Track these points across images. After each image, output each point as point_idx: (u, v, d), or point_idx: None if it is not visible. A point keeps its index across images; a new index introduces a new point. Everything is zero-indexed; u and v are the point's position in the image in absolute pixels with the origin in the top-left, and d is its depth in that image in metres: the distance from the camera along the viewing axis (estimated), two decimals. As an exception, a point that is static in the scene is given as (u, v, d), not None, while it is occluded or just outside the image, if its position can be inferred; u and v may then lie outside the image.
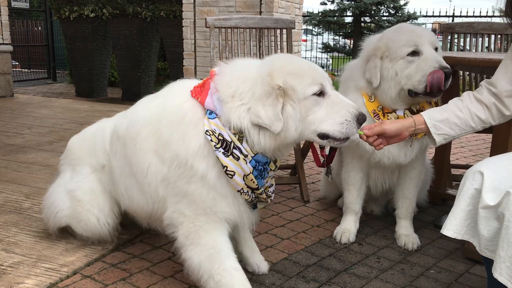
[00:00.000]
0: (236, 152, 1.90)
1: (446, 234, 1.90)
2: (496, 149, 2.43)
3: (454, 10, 20.00)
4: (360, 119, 1.93)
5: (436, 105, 2.58)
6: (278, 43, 3.72)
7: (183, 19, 5.73)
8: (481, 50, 3.96)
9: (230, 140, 1.90)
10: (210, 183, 1.95)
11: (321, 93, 1.91)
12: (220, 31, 3.46)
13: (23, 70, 12.08)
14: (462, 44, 4.14)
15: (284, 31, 3.70)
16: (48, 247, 2.55)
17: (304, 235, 2.87)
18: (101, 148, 2.48)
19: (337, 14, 16.47)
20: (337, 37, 18.53)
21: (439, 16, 14.91)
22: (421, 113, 2.21)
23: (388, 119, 2.48)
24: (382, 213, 3.22)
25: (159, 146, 2.03)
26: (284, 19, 3.75)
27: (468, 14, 13.89)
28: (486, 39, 3.91)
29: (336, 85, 2.57)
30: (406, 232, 2.78)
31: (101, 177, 2.50)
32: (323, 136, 1.94)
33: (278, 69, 1.91)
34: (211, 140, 1.89)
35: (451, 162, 3.86)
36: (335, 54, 17.57)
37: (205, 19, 3.40)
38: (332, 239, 2.81)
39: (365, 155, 2.64)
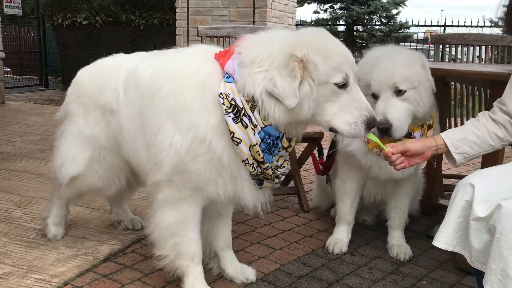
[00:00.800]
0: (246, 119, 1.87)
1: (438, 246, 1.91)
2: (487, 161, 2.45)
3: (445, 19, 20.30)
4: (371, 123, 1.89)
5: (429, 127, 2.58)
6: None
7: (176, 27, 5.75)
8: (472, 60, 4.00)
9: (242, 106, 1.87)
10: (225, 165, 1.94)
11: (343, 85, 1.85)
12: (212, 40, 3.48)
13: (15, 76, 12.03)
14: (454, 53, 4.17)
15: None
16: (39, 257, 2.53)
17: (297, 245, 2.87)
18: (111, 86, 2.33)
19: (330, 23, 16.56)
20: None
21: (431, 25, 15.04)
22: (440, 134, 2.19)
23: None
24: (374, 223, 3.22)
25: (177, 109, 1.95)
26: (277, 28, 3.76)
27: (459, 24, 14.04)
28: (477, 48, 3.95)
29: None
30: (398, 243, 2.79)
31: (111, 121, 2.36)
32: (332, 129, 1.92)
33: (304, 42, 1.85)
34: (223, 103, 1.86)
35: (443, 172, 3.88)
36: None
37: (197, 28, 3.42)
38: (324, 250, 2.81)
39: (363, 168, 2.65)
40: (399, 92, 2.37)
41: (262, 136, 1.90)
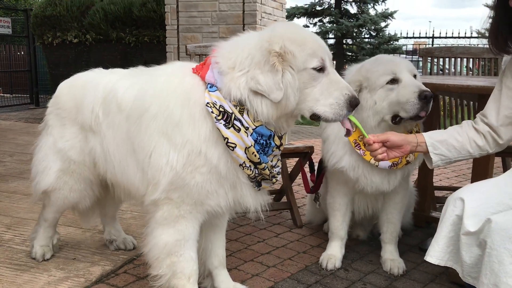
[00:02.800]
0: (237, 123, 1.89)
1: (430, 261, 1.92)
2: (477, 175, 2.46)
3: (433, 31, 20.48)
4: (353, 101, 1.90)
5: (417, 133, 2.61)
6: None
7: (166, 44, 5.77)
8: (460, 72, 4.04)
9: (231, 111, 1.88)
10: (222, 174, 1.95)
11: (321, 69, 1.90)
12: (201, 58, 3.49)
13: (6, 95, 11.97)
14: (442, 64, 4.22)
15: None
16: (29, 280, 2.50)
17: (290, 262, 2.86)
18: (88, 105, 2.35)
19: (319, 37, 16.70)
20: (320, 59, 18.73)
21: (419, 37, 15.24)
22: (422, 133, 2.21)
23: None
24: (368, 238, 3.22)
25: (168, 126, 1.97)
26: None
27: (447, 35, 14.22)
28: (465, 60, 4.00)
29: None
30: (391, 257, 2.79)
31: (90, 139, 2.38)
32: (314, 115, 1.93)
33: (279, 35, 1.89)
34: (212, 112, 1.88)
35: (434, 184, 3.89)
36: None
37: (185, 46, 3.43)
38: (318, 266, 2.80)
39: (350, 182, 2.66)
40: (414, 76, 2.47)
41: (255, 138, 1.92)
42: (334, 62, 17.66)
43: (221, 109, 1.89)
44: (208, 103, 1.89)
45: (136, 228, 3.25)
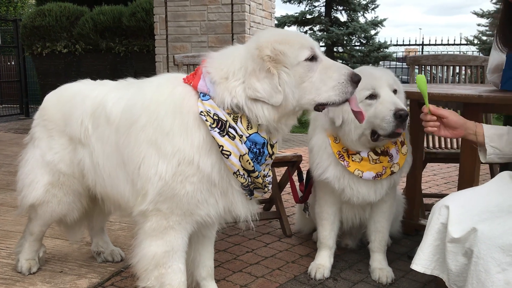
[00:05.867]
0: (232, 131, 1.90)
1: (415, 269, 1.92)
2: (464, 182, 2.47)
3: (423, 38, 20.68)
4: (354, 78, 1.91)
5: (402, 143, 2.62)
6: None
7: (156, 54, 5.77)
8: (447, 80, 4.07)
9: (225, 119, 1.89)
10: (215, 182, 1.95)
11: (313, 58, 1.91)
12: (189, 68, 3.49)
13: (-5, 106, 11.90)
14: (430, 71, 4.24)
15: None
16: (14, 295, 2.47)
17: (279, 272, 2.84)
18: (78, 117, 2.35)
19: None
20: (311, 67, 18.85)
21: (409, 44, 15.37)
22: (482, 124, 2.15)
23: (352, 160, 2.52)
24: (357, 246, 3.22)
25: (157, 137, 1.96)
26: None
27: (437, 43, 14.35)
28: (451, 68, 4.04)
29: (307, 123, 2.60)
30: (380, 266, 2.78)
31: (80, 151, 2.37)
32: (320, 105, 1.94)
33: (265, 40, 1.92)
34: (206, 120, 1.88)
35: (423, 191, 3.90)
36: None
37: (173, 56, 3.43)
38: (307, 275, 2.79)
39: (336, 193, 2.66)
40: (395, 92, 2.48)
41: (249, 146, 1.93)
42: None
43: (215, 117, 1.89)
44: (201, 111, 1.90)
45: (124, 239, 3.23)
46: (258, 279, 2.74)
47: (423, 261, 1.90)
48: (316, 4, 17.23)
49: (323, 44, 16.60)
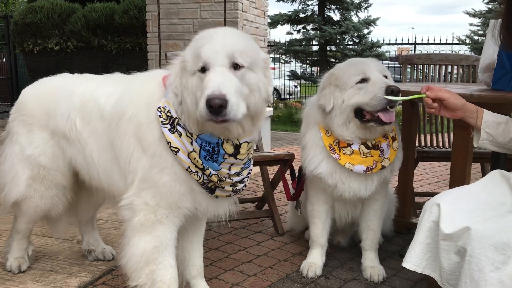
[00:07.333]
0: (180, 129, 1.94)
1: (406, 267, 1.92)
2: (455, 181, 2.48)
3: (415, 38, 20.69)
4: (211, 99, 1.76)
5: (393, 139, 2.63)
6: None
7: (148, 52, 5.74)
8: (439, 79, 4.08)
9: (175, 116, 1.95)
10: (178, 175, 1.98)
11: (203, 69, 1.83)
12: (182, 66, 3.46)
13: (-14, 103, 11.79)
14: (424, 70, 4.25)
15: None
16: (4, 294, 2.45)
17: (271, 270, 2.84)
18: (64, 112, 2.34)
19: (303, 43, 16.82)
20: (304, 65, 18.90)
21: (402, 44, 15.40)
22: (483, 109, 2.15)
23: (343, 153, 2.53)
24: (348, 244, 3.22)
25: (138, 128, 2.04)
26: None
27: (430, 42, 14.41)
28: (443, 67, 4.05)
29: (299, 122, 2.61)
30: (371, 264, 2.79)
31: (65, 147, 2.38)
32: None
33: (190, 45, 1.97)
34: (160, 116, 1.95)
35: (415, 190, 3.92)
36: (303, 81, 17.88)
37: (166, 54, 3.41)
38: (299, 274, 2.79)
39: (328, 189, 2.67)
40: (385, 77, 2.50)
41: (200, 143, 1.94)
42: (318, 68, 17.76)
43: (168, 114, 1.96)
44: (159, 107, 1.97)
45: (116, 238, 3.21)
46: (250, 277, 2.74)
47: (414, 259, 1.91)
48: (309, 2, 17.24)
49: (316, 43, 16.63)
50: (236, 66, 1.84)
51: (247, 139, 2.01)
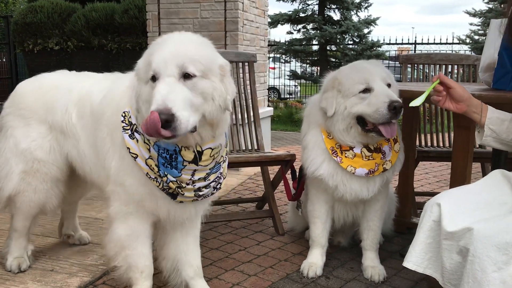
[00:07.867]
0: (137, 135, 1.97)
1: (407, 266, 1.92)
2: (456, 181, 2.48)
3: (416, 37, 20.66)
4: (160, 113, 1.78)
5: (395, 141, 2.63)
6: (241, 74, 3.75)
7: (148, 52, 5.73)
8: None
9: (134, 123, 1.98)
10: (139, 179, 2.03)
11: (154, 79, 1.81)
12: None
13: (-14, 103, 11.78)
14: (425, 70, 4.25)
15: (247, 64, 3.74)
16: (4, 294, 2.45)
17: (272, 270, 2.84)
18: (62, 106, 2.39)
19: (303, 43, 16.81)
20: (304, 65, 18.89)
21: (402, 43, 15.38)
22: (488, 106, 2.13)
23: (345, 156, 2.52)
24: (349, 244, 3.22)
25: (112, 131, 2.11)
26: (245, 53, 3.80)
27: (430, 42, 14.39)
28: (444, 67, 4.05)
29: (299, 122, 2.61)
30: (372, 264, 2.79)
31: (61, 140, 2.44)
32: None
33: (145, 52, 1.96)
34: (123, 121, 1.98)
35: (415, 190, 3.91)
36: (303, 81, 17.88)
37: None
38: (299, 274, 2.79)
39: (329, 190, 2.66)
40: (388, 86, 2.48)
41: (157, 150, 1.94)
42: (318, 68, 17.74)
43: (130, 120, 1.98)
44: (124, 112, 2.00)
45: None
46: (251, 277, 2.74)
47: (414, 259, 1.90)
48: (309, 2, 17.21)
49: (316, 43, 16.61)
50: (187, 76, 1.76)
51: (210, 145, 1.97)
